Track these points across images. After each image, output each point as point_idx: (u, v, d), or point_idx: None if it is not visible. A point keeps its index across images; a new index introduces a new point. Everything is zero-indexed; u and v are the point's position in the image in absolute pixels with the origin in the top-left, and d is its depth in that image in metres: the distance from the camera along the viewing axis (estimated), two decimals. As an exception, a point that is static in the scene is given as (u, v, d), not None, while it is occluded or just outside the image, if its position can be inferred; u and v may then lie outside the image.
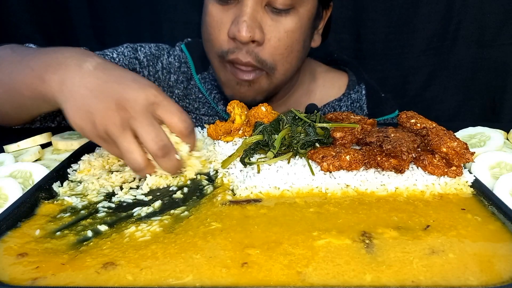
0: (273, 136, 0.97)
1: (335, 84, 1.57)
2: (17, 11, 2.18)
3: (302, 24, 1.24)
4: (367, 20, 2.15)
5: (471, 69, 2.18)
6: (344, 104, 1.53)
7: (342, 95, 1.53)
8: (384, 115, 1.56)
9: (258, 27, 1.17)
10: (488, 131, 1.12)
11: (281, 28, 1.20)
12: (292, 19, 1.20)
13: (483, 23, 2.09)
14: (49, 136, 1.23)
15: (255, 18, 1.16)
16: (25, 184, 0.97)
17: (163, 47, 1.58)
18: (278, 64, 1.24)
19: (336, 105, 1.52)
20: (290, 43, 1.23)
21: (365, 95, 1.55)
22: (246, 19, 1.14)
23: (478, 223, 0.76)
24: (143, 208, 0.83)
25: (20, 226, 0.78)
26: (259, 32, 1.17)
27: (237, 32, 1.15)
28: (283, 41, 1.21)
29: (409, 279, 0.62)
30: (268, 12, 1.19)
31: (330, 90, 1.55)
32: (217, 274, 0.63)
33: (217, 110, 1.52)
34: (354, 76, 1.58)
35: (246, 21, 1.14)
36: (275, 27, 1.19)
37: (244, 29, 1.14)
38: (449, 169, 0.89)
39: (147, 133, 0.86)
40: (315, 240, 0.70)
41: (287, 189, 0.87)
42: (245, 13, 1.15)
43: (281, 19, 1.19)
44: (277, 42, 1.20)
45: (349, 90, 1.54)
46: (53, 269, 0.65)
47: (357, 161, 0.90)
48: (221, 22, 1.20)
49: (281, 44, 1.21)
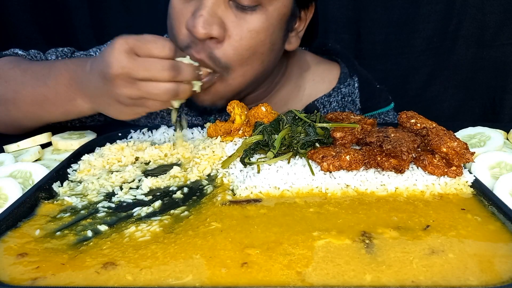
0: (273, 136, 0.97)
1: (326, 78, 1.47)
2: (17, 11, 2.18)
3: (270, 24, 1.13)
4: (367, 20, 2.15)
5: (471, 69, 2.18)
6: (334, 99, 1.44)
7: (332, 90, 1.44)
8: (378, 109, 1.48)
9: (218, 23, 1.07)
10: (488, 131, 1.12)
11: (244, 26, 1.10)
12: (259, 18, 1.10)
13: (483, 23, 2.09)
14: (49, 136, 1.23)
15: (214, 13, 1.07)
16: (25, 184, 0.97)
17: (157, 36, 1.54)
18: (235, 66, 1.13)
19: (325, 101, 1.43)
20: (254, 44, 1.12)
21: (357, 88, 1.45)
22: (203, 13, 1.05)
23: (478, 223, 0.76)
24: (143, 208, 0.83)
25: (20, 226, 0.78)
26: (217, 28, 1.07)
27: (192, 27, 1.06)
28: (245, 41, 1.11)
29: (409, 279, 0.62)
30: (232, 7, 1.09)
31: (320, 84, 1.46)
32: (217, 274, 0.63)
33: None
34: (346, 68, 1.48)
35: (203, 16, 1.05)
36: (238, 24, 1.09)
37: (200, 24, 1.05)
38: (449, 169, 0.89)
39: (152, 71, 0.93)
40: (315, 240, 0.70)
41: (287, 189, 0.87)
42: (204, 7, 1.06)
43: (246, 16, 1.09)
44: (238, 42, 1.10)
45: (339, 84, 1.45)
46: (53, 269, 0.65)
47: (357, 161, 0.90)
48: (181, 14, 1.12)
49: (242, 44, 1.11)
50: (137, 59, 0.94)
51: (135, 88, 0.95)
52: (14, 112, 1.23)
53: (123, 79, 0.94)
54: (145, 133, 1.23)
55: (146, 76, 0.93)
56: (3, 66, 1.28)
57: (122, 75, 0.94)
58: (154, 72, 0.93)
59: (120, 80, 0.94)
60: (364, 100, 1.47)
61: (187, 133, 1.21)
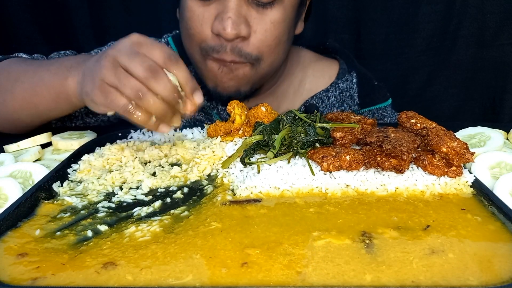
0: (273, 136, 0.97)
1: (325, 73, 1.53)
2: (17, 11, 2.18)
3: (288, 15, 1.23)
4: (367, 20, 2.15)
5: (471, 69, 2.18)
6: (332, 94, 1.49)
7: (330, 85, 1.49)
8: (376, 104, 1.52)
9: (244, 22, 1.15)
10: (488, 131, 1.12)
11: (267, 20, 1.18)
12: (278, 11, 1.19)
13: (483, 23, 2.08)
14: (49, 136, 1.23)
15: (239, 13, 1.14)
16: (25, 184, 0.97)
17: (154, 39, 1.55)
18: (265, 56, 1.23)
19: (324, 95, 1.48)
20: (277, 34, 1.21)
21: (356, 83, 1.51)
22: (231, 15, 1.11)
23: (478, 223, 0.76)
24: (143, 208, 0.83)
25: (20, 226, 0.78)
26: (244, 27, 1.15)
27: (222, 30, 1.12)
28: (270, 32, 1.19)
29: (409, 279, 0.62)
30: (252, 5, 1.16)
31: (319, 79, 1.52)
32: (217, 274, 0.63)
33: (203, 106, 1.45)
34: (345, 65, 1.54)
35: (231, 17, 1.11)
36: (261, 19, 1.18)
37: (229, 26, 1.11)
38: (449, 169, 0.89)
39: (132, 61, 0.89)
40: (315, 240, 0.70)
41: (287, 189, 0.87)
42: (230, 9, 1.12)
43: (267, 11, 1.18)
44: (264, 34, 1.19)
45: (337, 80, 1.51)
46: (53, 269, 0.65)
47: (357, 161, 0.90)
48: (202, 17, 1.17)
49: (268, 36, 1.20)
50: (133, 51, 0.92)
51: (113, 71, 0.91)
52: (11, 102, 1.23)
53: (111, 61, 0.92)
54: (145, 133, 1.23)
55: (126, 65, 0.90)
56: (9, 63, 1.31)
57: (112, 59, 0.92)
58: (134, 65, 0.89)
59: (108, 62, 0.92)
60: (362, 95, 1.51)
61: (187, 133, 1.22)
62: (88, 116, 1.47)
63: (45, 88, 1.16)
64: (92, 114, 1.47)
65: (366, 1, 2.11)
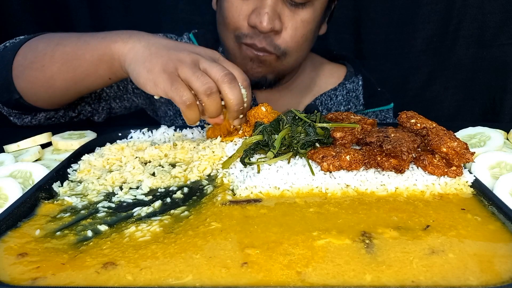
0: (273, 136, 0.97)
1: (334, 74, 1.66)
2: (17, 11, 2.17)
3: (316, 16, 1.35)
4: (367, 20, 2.15)
5: (471, 69, 2.18)
6: (340, 93, 1.61)
7: (338, 85, 1.61)
8: (380, 106, 1.64)
9: (278, 18, 1.27)
10: (488, 131, 1.12)
11: (298, 18, 1.30)
12: (308, 11, 1.31)
13: (483, 23, 2.08)
14: (49, 136, 1.23)
15: (275, 10, 1.26)
16: (25, 184, 0.97)
17: (170, 36, 1.61)
18: (292, 51, 1.34)
19: (332, 94, 1.60)
20: (305, 32, 1.33)
21: (361, 85, 1.63)
22: (268, 11, 1.24)
23: (478, 223, 0.76)
24: (143, 208, 0.83)
25: (20, 226, 0.78)
26: (278, 23, 1.27)
27: (259, 23, 1.24)
28: (299, 30, 1.31)
29: (409, 279, 0.62)
30: (286, 4, 1.28)
31: (329, 79, 1.65)
32: (217, 274, 0.63)
33: None
34: (352, 68, 1.66)
35: (268, 13, 1.23)
36: (293, 17, 1.29)
37: (266, 20, 1.23)
38: (449, 169, 0.89)
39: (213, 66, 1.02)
40: (315, 240, 0.70)
41: (287, 189, 0.87)
42: (267, 5, 1.24)
43: (298, 11, 1.30)
44: (294, 31, 1.30)
45: (344, 81, 1.63)
46: (53, 269, 0.65)
47: (357, 161, 0.90)
48: (240, 9, 1.29)
49: (297, 33, 1.31)
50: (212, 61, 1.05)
51: (190, 69, 1.00)
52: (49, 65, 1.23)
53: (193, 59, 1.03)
54: (145, 133, 1.23)
55: (206, 67, 1.02)
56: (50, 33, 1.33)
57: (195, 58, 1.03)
58: (214, 68, 1.01)
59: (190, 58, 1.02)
60: (367, 97, 1.63)
61: (187, 133, 1.22)
62: (115, 101, 1.55)
63: (89, 50, 1.18)
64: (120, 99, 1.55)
65: (366, 1, 2.11)
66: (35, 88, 1.28)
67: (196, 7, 2.09)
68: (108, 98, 1.53)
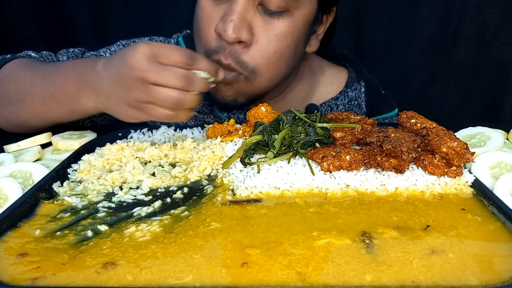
0: (273, 136, 0.97)
1: (334, 80, 1.54)
2: (17, 11, 2.18)
3: (296, 29, 1.17)
4: (367, 20, 2.15)
5: (471, 69, 2.18)
6: (342, 102, 1.50)
7: (339, 94, 1.50)
8: (383, 113, 1.54)
9: (246, 28, 1.11)
10: (488, 131, 1.12)
11: (271, 31, 1.14)
12: (285, 23, 1.14)
13: (483, 23, 2.09)
14: (49, 136, 1.23)
15: (244, 18, 1.10)
16: (25, 184, 0.97)
17: (156, 39, 1.56)
18: (263, 70, 1.18)
19: (333, 103, 1.50)
20: (280, 48, 1.16)
21: (364, 92, 1.52)
22: (234, 18, 1.09)
23: (478, 223, 0.76)
24: (143, 208, 0.83)
25: (20, 226, 0.78)
26: (246, 33, 1.11)
27: (223, 31, 1.10)
28: (272, 44, 1.15)
29: (409, 279, 0.62)
30: (260, 12, 1.13)
31: (329, 86, 1.52)
32: (217, 274, 0.63)
33: (212, 108, 1.46)
34: (354, 73, 1.54)
35: (234, 20, 1.09)
36: (266, 29, 1.13)
37: (230, 28, 1.08)
38: (449, 169, 0.89)
39: (164, 77, 0.94)
40: (315, 240, 0.70)
41: (287, 189, 0.87)
42: (235, 12, 1.09)
43: (274, 21, 1.13)
44: (266, 45, 1.15)
45: (346, 88, 1.51)
46: (53, 269, 0.65)
47: (357, 161, 0.90)
48: (210, 17, 1.15)
49: (270, 48, 1.15)
50: (156, 65, 0.95)
51: (145, 91, 0.96)
52: (23, 112, 1.25)
53: (138, 81, 0.95)
54: (145, 133, 1.23)
55: (158, 81, 0.94)
56: (16, 68, 1.32)
57: (139, 79, 0.95)
58: (167, 79, 0.94)
59: (136, 83, 0.95)
60: (370, 105, 1.52)
61: (187, 133, 1.22)
62: (95, 116, 1.49)
63: (56, 104, 1.18)
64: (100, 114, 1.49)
65: (366, 1, 2.12)
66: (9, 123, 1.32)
67: (196, 6, 2.09)
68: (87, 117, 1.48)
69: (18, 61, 1.35)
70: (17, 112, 1.26)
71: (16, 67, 1.32)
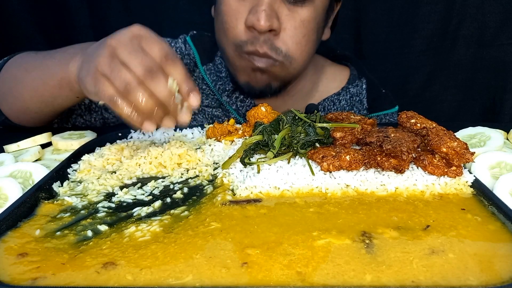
0: (273, 136, 0.97)
1: (337, 77, 1.60)
2: (18, 11, 2.18)
3: (317, 15, 1.28)
4: (367, 20, 2.15)
5: (471, 69, 2.18)
6: (343, 98, 1.55)
7: (341, 89, 1.56)
8: (384, 110, 1.58)
9: (276, 17, 1.21)
10: (488, 131, 1.12)
11: (297, 17, 1.24)
12: (308, 10, 1.25)
13: (483, 23, 2.09)
14: (49, 136, 1.23)
15: (272, 8, 1.20)
16: (25, 184, 0.97)
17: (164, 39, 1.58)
18: (296, 54, 1.28)
19: (335, 99, 1.55)
20: (306, 32, 1.27)
21: (365, 89, 1.57)
22: (265, 8, 1.18)
23: (478, 223, 0.76)
24: (143, 208, 0.83)
25: (20, 226, 0.78)
26: (276, 22, 1.21)
27: (256, 21, 1.18)
28: (299, 29, 1.25)
29: (409, 279, 0.62)
30: (285, 2, 1.23)
31: (332, 82, 1.59)
32: (217, 274, 0.63)
33: (221, 102, 1.52)
34: (356, 71, 1.60)
35: (265, 10, 1.18)
36: (291, 16, 1.23)
37: (263, 18, 1.17)
38: (449, 169, 0.89)
39: (131, 57, 0.88)
40: (315, 240, 0.70)
41: (287, 189, 0.87)
42: (264, 3, 1.18)
43: (297, 9, 1.24)
44: (294, 31, 1.24)
45: (348, 85, 1.57)
46: (53, 269, 0.65)
47: (357, 161, 0.90)
48: (237, 11, 1.24)
49: (297, 33, 1.25)
50: (133, 44, 0.91)
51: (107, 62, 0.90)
52: (21, 91, 1.28)
53: (109, 51, 0.90)
54: (145, 133, 1.23)
55: (125, 59, 0.89)
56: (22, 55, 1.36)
57: (112, 50, 0.90)
58: (132, 60, 0.88)
59: (106, 51, 0.91)
60: (371, 101, 1.58)
61: (187, 133, 1.22)
62: (107, 112, 1.52)
63: (49, 75, 1.19)
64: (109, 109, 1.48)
65: (366, 1, 2.12)
66: (14, 111, 1.34)
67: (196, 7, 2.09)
68: (98, 109, 1.51)
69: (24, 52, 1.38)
70: (17, 93, 1.28)
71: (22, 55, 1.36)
